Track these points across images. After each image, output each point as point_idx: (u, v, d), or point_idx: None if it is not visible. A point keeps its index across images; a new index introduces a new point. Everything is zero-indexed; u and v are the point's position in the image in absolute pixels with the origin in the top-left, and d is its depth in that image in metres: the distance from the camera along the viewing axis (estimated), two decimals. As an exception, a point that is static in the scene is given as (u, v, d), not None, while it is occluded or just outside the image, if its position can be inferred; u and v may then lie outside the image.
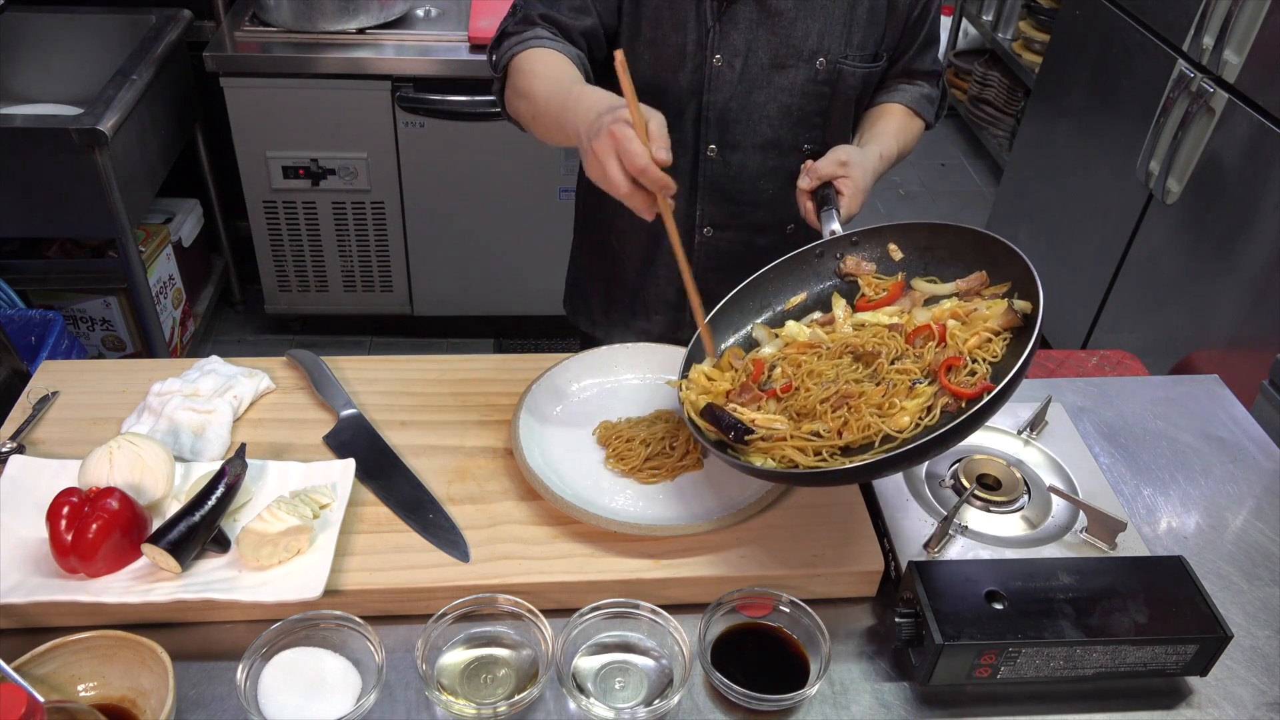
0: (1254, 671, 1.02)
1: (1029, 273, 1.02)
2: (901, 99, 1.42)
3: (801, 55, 1.29)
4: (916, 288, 1.14)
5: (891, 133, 1.36)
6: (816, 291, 1.21)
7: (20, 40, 2.65)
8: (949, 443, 0.92)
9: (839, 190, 1.22)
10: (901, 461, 0.92)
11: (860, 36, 1.30)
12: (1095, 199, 2.78)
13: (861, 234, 1.20)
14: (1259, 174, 2.15)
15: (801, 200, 1.25)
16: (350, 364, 1.31)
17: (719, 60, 1.28)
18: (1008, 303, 1.05)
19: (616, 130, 0.99)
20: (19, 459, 1.09)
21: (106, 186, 2.23)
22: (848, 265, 1.20)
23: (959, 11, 4.48)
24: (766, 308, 1.21)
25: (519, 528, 1.08)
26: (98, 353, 2.69)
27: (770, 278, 1.21)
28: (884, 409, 0.99)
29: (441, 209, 2.76)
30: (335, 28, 2.55)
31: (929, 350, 1.03)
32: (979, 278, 1.10)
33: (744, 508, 1.08)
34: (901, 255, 1.18)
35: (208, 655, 0.97)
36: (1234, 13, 2.20)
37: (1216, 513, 1.22)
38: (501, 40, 1.28)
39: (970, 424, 0.91)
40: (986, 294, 1.08)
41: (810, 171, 1.23)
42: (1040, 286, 1.00)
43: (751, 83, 1.30)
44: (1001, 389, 0.91)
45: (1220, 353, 2.27)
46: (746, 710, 0.95)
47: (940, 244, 1.15)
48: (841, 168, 1.22)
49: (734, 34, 1.26)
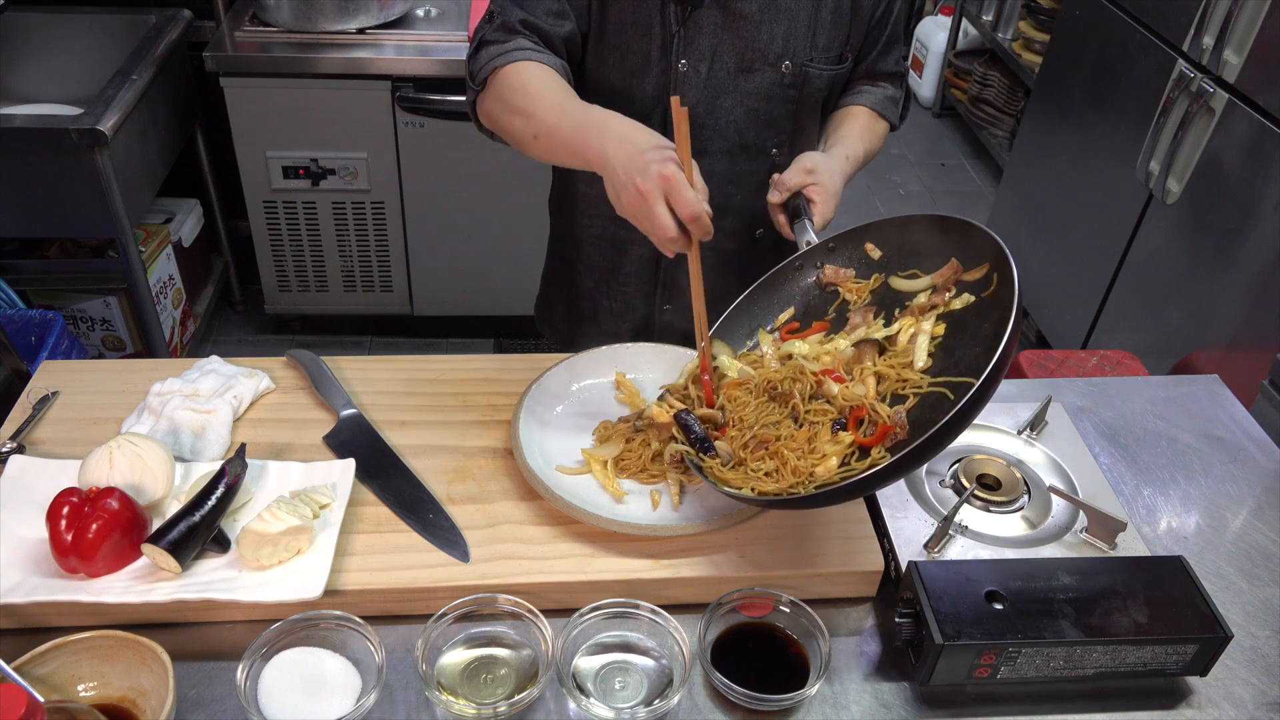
0: (1254, 671, 1.02)
1: (999, 249, 1.01)
2: (865, 101, 1.41)
3: (767, 59, 1.28)
4: (894, 286, 1.14)
5: (856, 134, 1.35)
6: (803, 304, 1.21)
7: (20, 40, 2.65)
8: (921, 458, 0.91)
9: (810, 198, 1.21)
10: (876, 481, 0.92)
11: (825, 39, 1.29)
12: (1095, 199, 2.78)
13: (837, 239, 1.19)
14: (1259, 174, 2.15)
15: (774, 214, 1.25)
16: (350, 364, 1.31)
17: (684, 65, 1.26)
18: (954, 261, 1.06)
19: (668, 173, 0.99)
20: (19, 459, 1.09)
21: (106, 186, 2.23)
22: (827, 275, 1.19)
23: (959, 11, 4.48)
24: (758, 328, 1.21)
25: (519, 528, 1.08)
26: (98, 353, 2.69)
27: (756, 298, 1.21)
28: (807, 452, 1.00)
29: (441, 209, 2.76)
30: (335, 28, 2.55)
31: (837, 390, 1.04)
32: (951, 267, 1.09)
33: (744, 508, 1.08)
34: (880, 254, 1.17)
35: (208, 655, 0.97)
36: (1234, 13, 2.20)
37: (1216, 513, 1.22)
38: (480, 49, 1.24)
39: (951, 427, 0.89)
40: (968, 278, 1.07)
41: (778, 184, 1.23)
42: (1014, 264, 0.97)
43: (718, 87, 1.29)
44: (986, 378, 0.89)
45: (1220, 353, 2.27)
46: (746, 710, 0.95)
47: (914, 236, 1.14)
48: (809, 175, 1.22)
49: (699, 39, 1.25)
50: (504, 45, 1.21)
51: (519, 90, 1.18)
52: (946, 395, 0.98)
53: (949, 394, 0.97)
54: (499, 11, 1.25)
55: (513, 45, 1.21)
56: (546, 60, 1.21)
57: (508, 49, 1.20)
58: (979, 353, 0.98)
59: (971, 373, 0.94)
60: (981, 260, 1.06)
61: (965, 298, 1.06)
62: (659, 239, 1.02)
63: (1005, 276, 0.99)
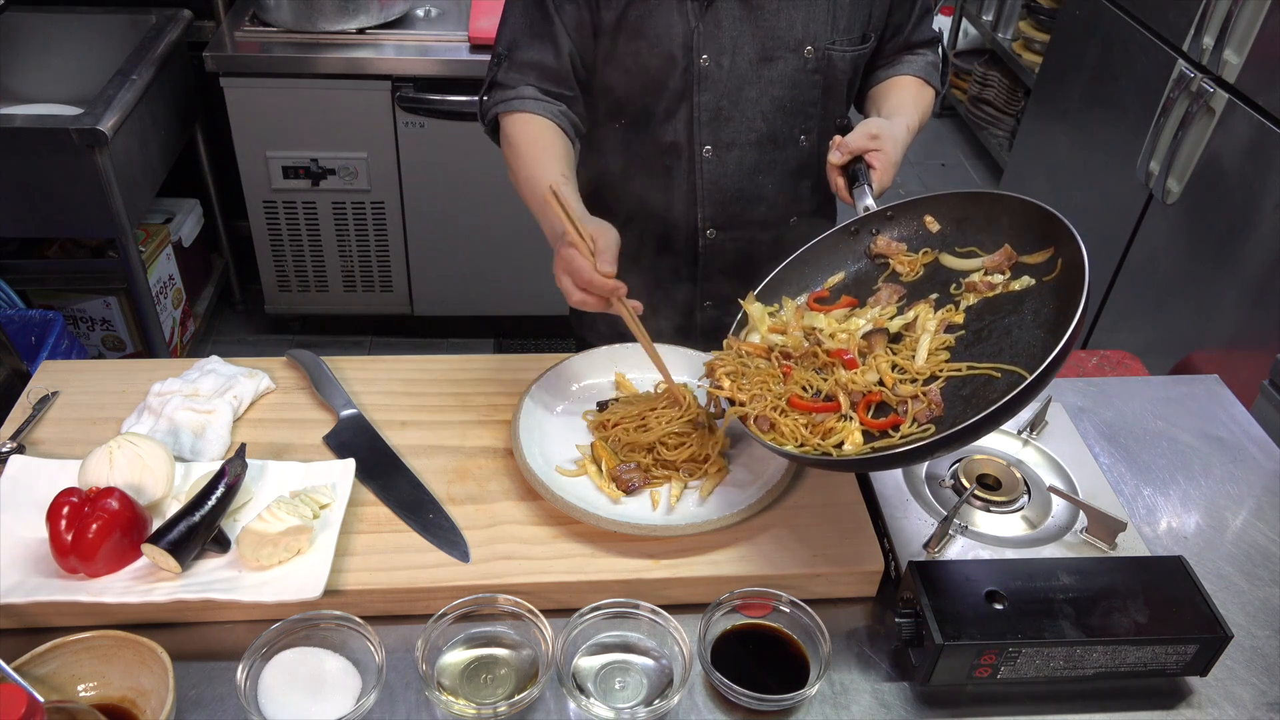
0: (1254, 671, 1.02)
1: (1071, 234, 1.00)
2: (910, 70, 1.41)
3: (788, 46, 1.28)
4: (945, 263, 1.13)
5: (910, 103, 1.35)
6: (854, 270, 1.20)
7: (20, 40, 2.65)
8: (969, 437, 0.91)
9: (870, 164, 1.20)
10: (927, 452, 0.92)
11: (846, 21, 1.30)
12: (1095, 199, 2.78)
13: (896, 208, 1.18)
14: (1259, 174, 2.15)
15: (832, 176, 1.23)
16: (350, 364, 1.31)
17: (706, 60, 1.27)
18: (1007, 247, 1.06)
19: (563, 253, 1.09)
20: (19, 459, 1.09)
21: (106, 186, 2.23)
22: (879, 246, 1.18)
23: (959, 11, 4.48)
24: (805, 289, 1.20)
25: (519, 528, 1.08)
26: (98, 353, 2.69)
27: (807, 259, 1.20)
28: (816, 429, 1.00)
29: (441, 209, 2.76)
30: (335, 28, 2.55)
31: (837, 374, 1.04)
32: (1004, 253, 1.09)
33: (744, 508, 1.08)
34: (939, 227, 1.16)
35: (208, 655, 0.97)
36: (1234, 13, 2.19)
37: (1216, 513, 1.22)
38: (491, 90, 1.32)
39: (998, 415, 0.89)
40: (1030, 261, 1.06)
41: (840, 146, 1.21)
42: (1085, 252, 0.97)
43: (741, 79, 1.30)
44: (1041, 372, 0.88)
45: (1220, 353, 2.27)
46: (746, 710, 0.95)
47: (977, 213, 1.13)
48: (873, 140, 1.20)
49: (719, 32, 1.26)
50: (506, 93, 1.29)
51: (511, 145, 1.29)
52: (992, 376, 0.98)
53: (994, 374, 0.97)
54: (505, 52, 1.30)
55: (514, 95, 1.28)
56: (543, 112, 1.27)
57: (509, 98, 1.28)
58: (1042, 335, 0.98)
59: (1026, 356, 0.96)
60: (1047, 244, 1.05)
61: (1025, 280, 1.05)
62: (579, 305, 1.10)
63: (1072, 261, 0.99)
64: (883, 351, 1.06)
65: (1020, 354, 0.98)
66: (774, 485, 1.11)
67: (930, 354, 1.04)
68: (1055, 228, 1.04)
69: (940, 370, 1.02)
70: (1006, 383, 0.95)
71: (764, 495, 1.10)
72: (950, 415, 0.97)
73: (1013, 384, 0.90)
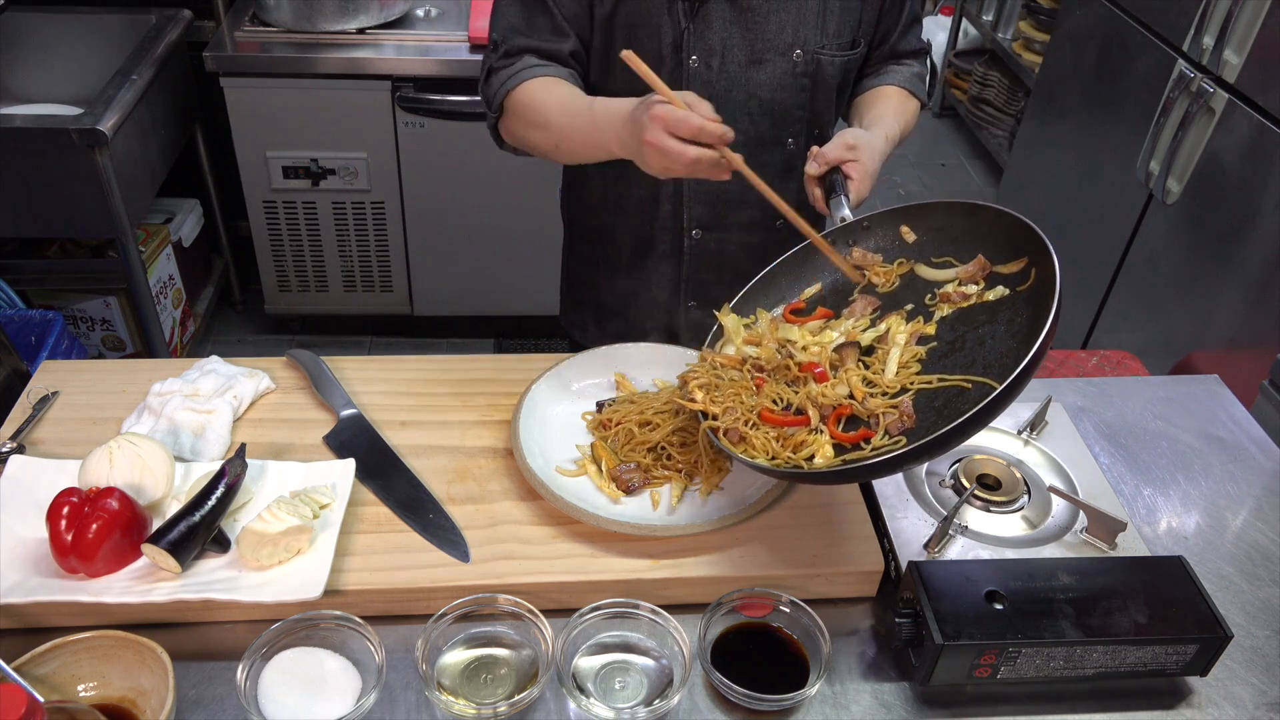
0: (1254, 671, 1.02)
1: (1044, 245, 1.00)
2: (894, 80, 1.41)
3: (778, 49, 1.28)
4: (920, 274, 1.13)
5: (892, 114, 1.35)
6: (830, 282, 1.20)
7: (20, 40, 2.65)
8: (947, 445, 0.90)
9: (848, 175, 1.20)
10: (899, 463, 0.91)
11: (836, 25, 1.29)
12: (1095, 199, 2.78)
13: (873, 218, 1.18)
14: (1259, 174, 2.15)
15: (810, 187, 1.23)
16: (350, 364, 1.31)
17: (695, 61, 1.27)
18: (981, 258, 1.06)
19: (657, 111, 1.04)
20: (19, 459, 1.09)
21: (106, 186, 2.23)
22: (855, 257, 1.18)
23: (959, 11, 4.48)
24: (781, 300, 1.20)
25: (519, 528, 1.08)
26: (98, 353, 2.69)
27: (784, 270, 1.20)
28: (787, 442, 0.99)
29: (441, 209, 2.76)
30: (335, 28, 2.55)
31: (808, 387, 1.03)
32: (978, 263, 1.08)
33: (744, 508, 1.08)
34: (915, 237, 1.16)
35: (208, 655, 0.97)
36: (1234, 13, 2.19)
37: (1216, 513, 1.22)
38: (490, 77, 1.29)
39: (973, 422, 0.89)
40: (1004, 270, 1.06)
41: (817, 157, 1.21)
42: (1057, 263, 0.97)
43: (730, 81, 1.29)
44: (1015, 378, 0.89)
45: (1220, 353, 2.27)
46: (746, 710, 0.95)
47: (953, 223, 1.13)
48: (850, 151, 1.20)
49: (708, 34, 1.26)
50: (511, 68, 1.26)
51: (531, 106, 1.23)
52: (964, 387, 0.97)
53: (966, 385, 0.97)
54: (501, 40, 1.28)
55: (519, 66, 1.26)
56: (553, 72, 1.25)
57: (515, 70, 1.26)
58: (1014, 346, 0.97)
59: (998, 366, 0.96)
60: (1020, 254, 1.05)
61: (999, 290, 1.05)
62: (692, 167, 1.05)
63: (1045, 273, 0.99)
64: (854, 365, 1.05)
65: (993, 364, 0.98)
66: (774, 485, 1.11)
67: (901, 366, 1.03)
68: (1029, 238, 1.04)
69: (911, 383, 1.01)
70: (978, 393, 0.94)
71: (764, 495, 1.10)
72: (923, 426, 0.97)
73: (984, 395, 0.89)
